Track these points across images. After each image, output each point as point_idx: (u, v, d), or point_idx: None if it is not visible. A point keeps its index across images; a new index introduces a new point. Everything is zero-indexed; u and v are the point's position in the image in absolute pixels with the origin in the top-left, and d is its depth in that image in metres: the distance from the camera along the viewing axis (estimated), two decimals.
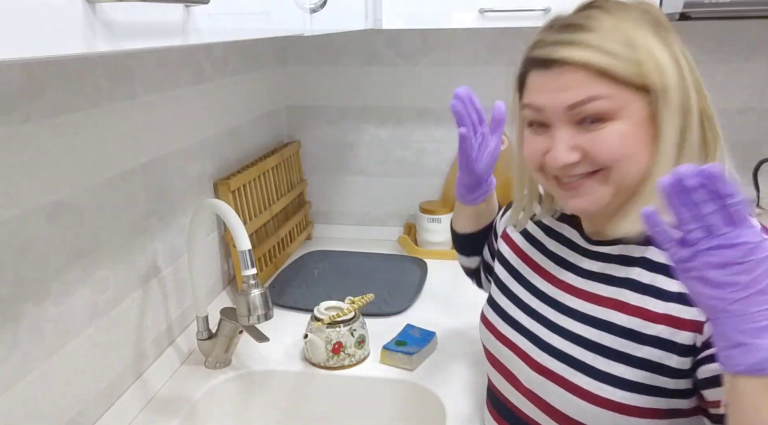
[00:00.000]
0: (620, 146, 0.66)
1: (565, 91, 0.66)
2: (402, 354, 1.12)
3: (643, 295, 0.69)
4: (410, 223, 1.81)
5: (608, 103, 0.65)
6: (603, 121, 0.66)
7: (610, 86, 0.65)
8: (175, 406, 1.03)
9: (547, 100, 0.68)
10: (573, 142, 0.68)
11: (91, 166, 0.90)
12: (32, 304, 0.80)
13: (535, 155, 0.72)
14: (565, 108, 0.67)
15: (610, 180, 0.68)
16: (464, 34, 1.65)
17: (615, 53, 0.65)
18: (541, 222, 0.87)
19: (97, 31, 0.43)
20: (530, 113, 0.71)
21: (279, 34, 0.81)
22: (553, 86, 0.67)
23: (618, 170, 0.67)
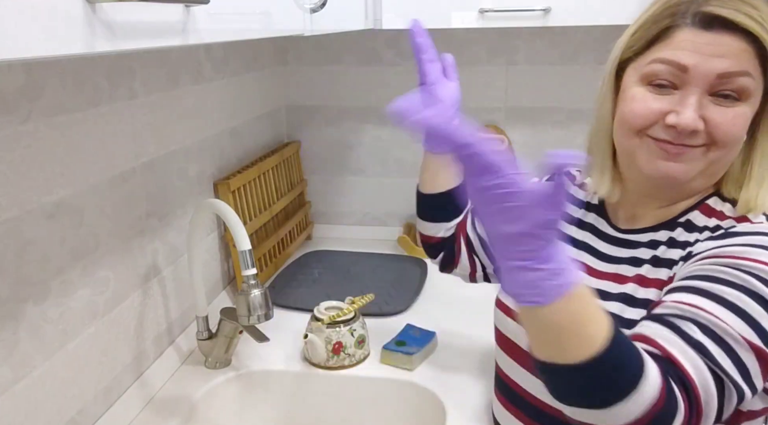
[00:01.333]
0: (741, 129, 0.67)
1: (723, 58, 0.64)
2: (402, 354, 1.12)
3: (660, 268, 0.71)
4: (410, 223, 1.81)
5: (752, 83, 0.65)
6: (735, 100, 0.66)
7: (758, 68, 0.65)
8: (175, 406, 1.03)
9: (699, 60, 0.65)
10: (702, 111, 0.66)
11: (91, 166, 0.90)
12: (32, 304, 0.80)
13: (648, 115, 0.68)
14: (716, 74, 0.64)
15: (709, 157, 0.68)
16: (464, 34, 1.65)
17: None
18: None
19: (97, 31, 0.43)
20: (663, 69, 0.67)
21: (279, 34, 0.81)
22: (709, 50, 0.64)
23: (725, 150, 0.67)
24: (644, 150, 0.70)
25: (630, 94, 0.70)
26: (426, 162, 0.97)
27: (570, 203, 0.84)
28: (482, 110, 1.70)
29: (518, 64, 1.63)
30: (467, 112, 1.81)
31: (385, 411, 1.13)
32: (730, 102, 0.65)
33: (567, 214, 0.52)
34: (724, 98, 0.65)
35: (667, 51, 0.67)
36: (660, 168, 0.69)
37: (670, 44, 0.67)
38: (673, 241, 0.73)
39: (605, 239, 0.80)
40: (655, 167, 0.69)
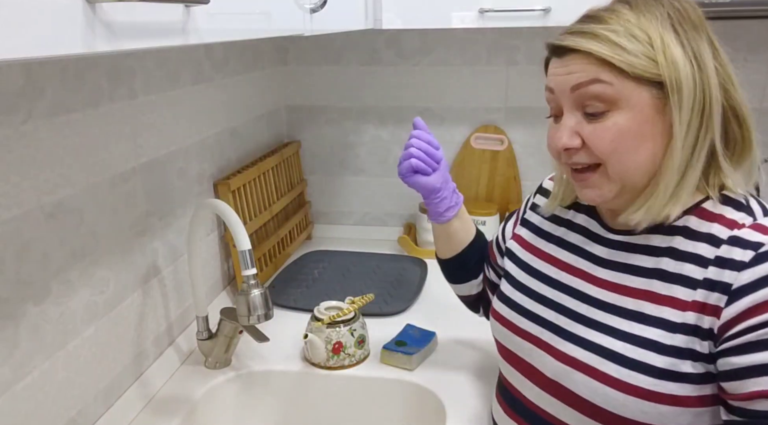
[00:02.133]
0: (614, 140, 0.69)
1: (572, 74, 0.71)
2: (402, 354, 1.12)
3: (672, 284, 0.70)
4: (410, 223, 1.81)
5: (609, 88, 0.68)
6: (605, 112, 0.69)
7: (613, 75, 0.68)
8: (175, 406, 1.03)
9: (557, 82, 0.73)
10: (577, 128, 0.72)
11: (91, 166, 0.90)
12: (32, 304, 0.80)
13: (551, 143, 0.76)
14: (569, 88, 0.71)
15: (611, 175, 0.71)
16: (464, 34, 1.65)
17: (621, 45, 0.68)
18: (552, 214, 0.89)
19: (97, 31, 0.43)
20: (548, 97, 0.76)
21: (279, 34, 0.81)
22: (562, 71, 0.72)
23: (613, 164, 0.71)
24: (571, 180, 0.77)
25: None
26: (436, 233, 1.04)
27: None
28: (482, 109, 1.70)
29: (518, 64, 1.63)
30: (467, 112, 1.82)
31: (385, 411, 1.13)
32: (599, 117, 0.70)
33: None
34: (593, 115, 0.70)
35: (546, 80, 0.77)
36: (583, 196, 0.76)
37: (547, 76, 0.77)
38: (678, 252, 0.71)
39: (599, 241, 0.80)
40: (581, 194, 0.77)
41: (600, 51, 0.68)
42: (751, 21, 1.52)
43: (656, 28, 0.69)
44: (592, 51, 0.69)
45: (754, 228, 0.67)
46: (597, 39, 0.69)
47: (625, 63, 0.67)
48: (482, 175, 1.74)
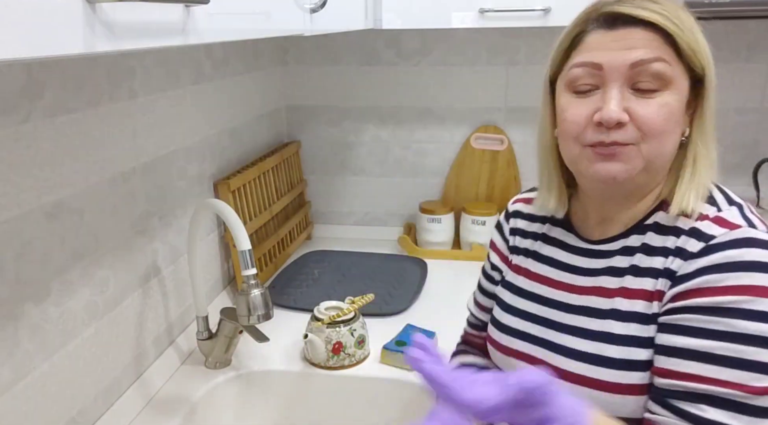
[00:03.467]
0: (667, 118, 0.68)
1: (632, 50, 0.67)
2: (402, 354, 1.12)
3: (643, 278, 0.72)
4: (410, 223, 1.81)
5: (669, 69, 0.68)
6: (656, 91, 0.68)
7: (672, 55, 0.68)
8: (175, 406, 1.03)
9: (609, 57, 0.68)
10: (625, 103, 0.68)
11: (91, 166, 0.90)
12: (32, 304, 0.80)
13: (578, 120, 0.71)
14: (629, 65, 0.67)
15: (646, 154, 0.69)
16: (464, 34, 1.65)
17: (680, 27, 0.68)
18: (526, 232, 0.88)
19: (97, 31, 0.43)
20: (581, 73, 0.70)
21: (279, 34, 0.81)
22: (618, 45, 0.68)
23: (654, 143, 0.69)
24: (584, 158, 0.72)
25: (561, 105, 0.73)
26: None
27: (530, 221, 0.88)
28: (482, 109, 1.70)
29: (518, 64, 1.63)
30: (467, 112, 1.82)
31: (385, 411, 1.13)
32: (651, 93, 0.68)
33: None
34: (644, 91, 0.68)
35: (582, 55, 0.71)
36: (600, 171, 0.71)
37: (583, 49, 0.71)
38: (649, 247, 0.73)
39: (577, 252, 0.80)
40: (596, 170, 0.71)
41: (670, 26, 0.67)
42: (751, 21, 1.52)
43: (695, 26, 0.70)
44: (663, 24, 0.67)
45: (714, 221, 0.68)
46: (659, 14, 0.67)
47: (688, 45, 0.68)
48: (482, 175, 1.74)
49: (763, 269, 0.63)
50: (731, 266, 0.64)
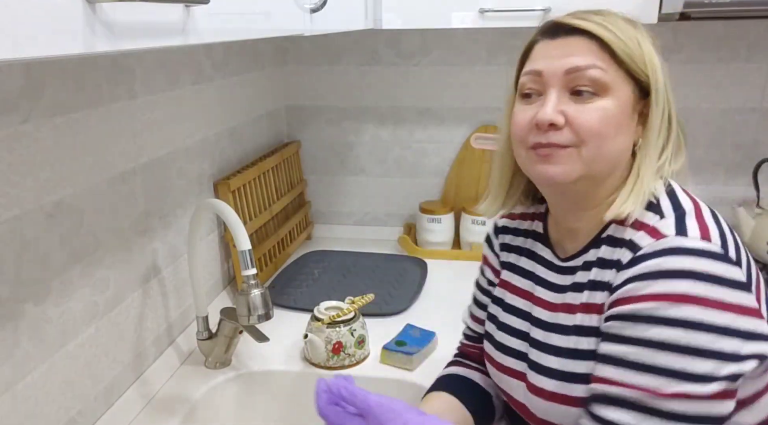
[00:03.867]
0: (602, 122, 0.70)
1: (569, 57, 0.71)
2: (402, 354, 1.12)
3: (597, 292, 0.73)
4: (410, 223, 1.81)
5: (604, 75, 0.70)
6: (594, 95, 0.70)
7: (609, 62, 0.70)
8: (175, 406, 1.03)
9: (548, 64, 0.72)
10: (562, 107, 0.71)
11: (91, 166, 0.90)
12: (32, 304, 0.80)
13: (522, 124, 0.74)
14: (564, 71, 0.71)
15: (584, 157, 0.71)
16: (464, 34, 1.65)
17: (619, 36, 0.71)
18: (511, 246, 0.89)
19: (97, 31, 0.43)
20: (527, 80, 0.74)
21: (279, 34, 0.81)
22: (557, 53, 0.72)
23: (591, 147, 0.70)
24: (528, 160, 0.75)
25: (513, 112, 0.77)
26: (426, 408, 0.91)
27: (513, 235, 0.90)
28: (482, 109, 1.70)
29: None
30: (467, 112, 1.82)
31: None
32: (588, 97, 0.70)
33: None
34: (582, 97, 0.70)
35: (528, 64, 0.75)
36: (539, 171, 0.73)
37: (531, 58, 0.75)
38: (603, 261, 0.73)
39: (552, 268, 0.81)
40: (537, 172, 0.74)
41: (605, 35, 0.70)
42: (750, 21, 1.52)
43: (642, 37, 0.73)
44: (598, 33, 0.70)
45: (648, 231, 0.69)
46: (598, 25, 0.71)
47: (625, 53, 0.70)
48: (482, 175, 1.74)
49: (681, 276, 0.63)
50: (651, 274, 0.65)
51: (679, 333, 0.63)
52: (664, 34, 1.55)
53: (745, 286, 0.65)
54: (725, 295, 0.63)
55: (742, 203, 1.61)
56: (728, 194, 1.65)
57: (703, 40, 1.54)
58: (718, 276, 0.63)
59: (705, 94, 1.58)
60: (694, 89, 1.58)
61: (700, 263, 0.64)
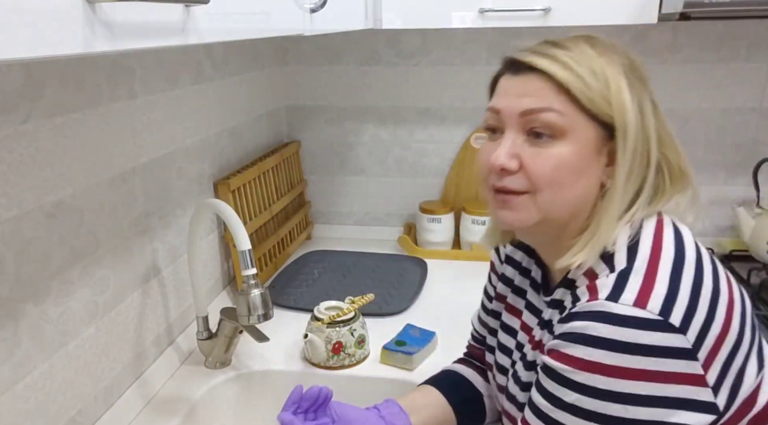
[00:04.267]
0: (557, 170, 0.67)
1: (524, 97, 0.68)
2: (402, 354, 1.12)
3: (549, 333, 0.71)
4: (410, 223, 1.81)
5: (560, 118, 0.66)
6: (552, 139, 0.67)
7: (566, 104, 0.66)
8: (175, 406, 1.03)
9: (506, 103, 0.69)
10: (516, 150, 0.68)
11: (91, 166, 0.90)
12: (32, 304, 0.80)
13: (482, 163, 0.72)
14: (519, 113, 0.68)
15: (539, 204, 0.69)
16: (464, 34, 1.65)
17: (580, 75, 0.66)
18: (514, 259, 0.87)
19: (97, 31, 0.43)
20: (488, 117, 0.72)
21: (279, 34, 0.81)
22: (516, 91, 0.69)
23: (545, 194, 0.68)
24: (490, 202, 0.73)
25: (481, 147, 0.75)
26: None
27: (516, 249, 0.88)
28: (482, 109, 1.69)
29: None
30: (467, 112, 1.82)
31: None
32: (544, 142, 0.67)
33: None
34: (538, 138, 0.67)
35: (492, 99, 0.73)
36: (498, 217, 0.72)
37: (495, 93, 0.73)
38: (556, 302, 0.72)
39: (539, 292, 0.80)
40: (495, 216, 0.72)
41: (562, 76, 0.66)
42: (750, 21, 1.52)
43: (612, 70, 0.67)
44: (555, 74, 0.66)
45: (589, 287, 0.66)
46: (558, 63, 0.67)
47: (584, 95, 0.66)
48: None
49: (598, 345, 0.61)
50: (572, 336, 0.64)
51: (589, 399, 0.62)
52: (664, 34, 1.55)
53: (683, 353, 0.61)
54: (648, 364, 0.60)
55: (742, 203, 1.61)
56: (728, 194, 1.65)
57: (703, 40, 1.54)
58: (640, 345, 0.60)
59: (705, 94, 1.58)
60: (694, 89, 1.58)
61: (622, 332, 0.60)
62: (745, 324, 0.67)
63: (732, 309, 0.65)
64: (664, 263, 0.65)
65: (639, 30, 1.55)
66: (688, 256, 0.66)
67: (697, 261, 0.67)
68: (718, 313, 0.64)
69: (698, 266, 0.66)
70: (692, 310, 0.62)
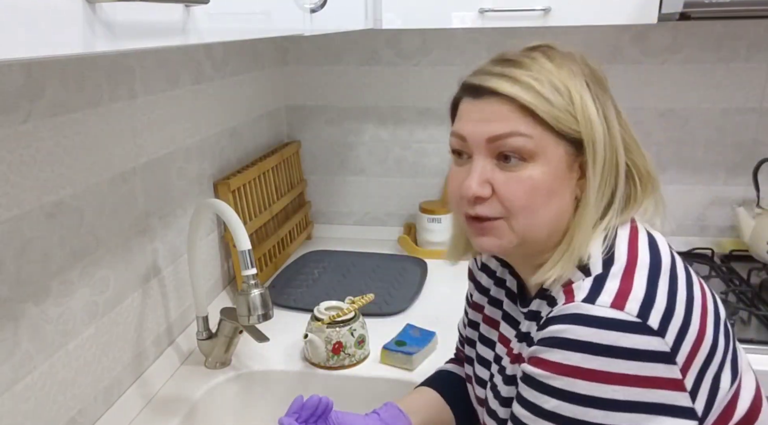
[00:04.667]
0: (529, 194, 0.66)
1: (489, 123, 0.66)
2: (402, 354, 1.12)
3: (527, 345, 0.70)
4: (410, 223, 1.81)
5: (528, 142, 0.65)
6: (522, 161, 0.66)
7: (533, 126, 0.65)
8: (175, 406, 1.03)
9: (471, 129, 0.68)
10: (487, 176, 0.67)
11: (91, 166, 0.90)
12: (32, 304, 0.80)
13: (453, 190, 0.71)
14: (485, 139, 0.66)
15: (516, 228, 0.68)
16: (464, 34, 1.65)
17: (544, 95, 0.65)
18: (488, 268, 0.87)
19: (97, 31, 0.43)
20: (453, 142, 0.71)
21: (279, 34, 0.81)
22: (479, 116, 0.67)
23: (520, 219, 0.67)
24: (467, 230, 0.72)
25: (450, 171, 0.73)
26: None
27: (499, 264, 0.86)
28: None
29: None
30: None
31: None
32: (514, 165, 0.66)
33: None
34: (507, 161, 0.66)
35: (455, 123, 0.71)
36: (476, 244, 0.71)
37: (457, 116, 0.71)
38: (533, 313, 0.71)
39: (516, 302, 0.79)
40: (474, 243, 0.71)
41: (526, 99, 0.64)
42: (750, 21, 1.52)
43: (574, 83, 0.66)
44: (518, 98, 0.65)
45: (566, 291, 0.66)
46: (520, 85, 0.65)
47: (550, 115, 0.65)
48: None
49: (575, 348, 0.60)
50: (550, 341, 0.63)
51: (569, 405, 0.61)
52: (664, 34, 1.55)
53: (662, 357, 0.60)
54: (629, 368, 0.59)
55: (742, 203, 1.61)
56: (728, 194, 1.65)
57: (703, 40, 1.54)
58: (620, 348, 0.59)
59: (705, 94, 1.58)
60: (694, 89, 1.58)
61: (600, 334, 0.59)
62: (719, 331, 0.66)
63: (706, 316, 0.65)
64: (640, 269, 0.64)
65: (639, 30, 1.55)
66: (664, 262, 0.66)
67: (672, 268, 0.66)
68: (693, 319, 0.63)
69: (672, 272, 0.66)
70: (669, 314, 0.61)
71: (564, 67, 0.67)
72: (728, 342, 0.68)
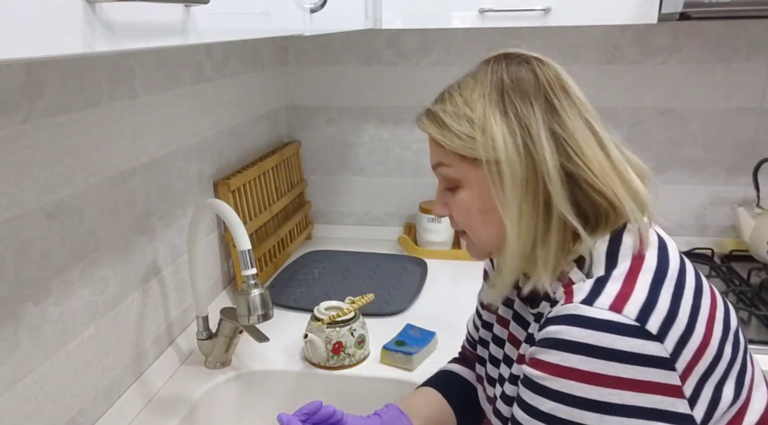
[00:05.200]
0: (465, 215, 0.74)
1: (431, 154, 0.75)
2: (402, 354, 1.12)
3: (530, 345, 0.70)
4: (410, 223, 1.81)
5: (451, 171, 0.72)
6: (456, 187, 0.73)
7: (451, 156, 0.71)
8: (175, 406, 1.03)
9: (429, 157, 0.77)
10: (445, 199, 0.76)
11: (91, 166, 0.90)
12: (32, 304, 0.80)
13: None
14: (432, 167, 0.76)
15: (473, 241, 0.76)
16: (464, 34, 1.65)
17: (448, 126, 0.70)
18: None
19: (97, 31, 0.43)
20: None
21: (279, 34, 0.81)
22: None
23: (471, 234, 0.75)
24: None
25: None
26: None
27: None
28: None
29: None
30: None
31: None
32: (453, 190, 0.74)
33: None
34: (448, 187, 0.74)
35: None
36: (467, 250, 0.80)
37: None
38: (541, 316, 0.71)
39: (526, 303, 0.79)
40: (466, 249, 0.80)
41: (435, 134, 0.72)
42: (750, 21, 1.52)
43: (482, 101, 0.68)
44: (430, 133, 0.72)
45: (566, 291, 0.66)
46: (434, 121, 0.72)
47: (450, 145, 0.70)
48: None
49: (573, 350, 0.60)
50: (548, 341, 0.63)
51: (565, 407, 0.61)
52: (664, 34, 1.55)
53: (661, 362, 0.59)
54: (624, 371, 0.59)
55: (742, 203, 1.61)
56: (728, 194, 1.65)
57: (703, 40, 1.54)
58: (615, 351, 0.59)
59: (705, 94, 1.58)
60: (694, 89, 1.58)
61: (598, 336, 0.59)
62: (726, 341, 0.66)
63: (712, 324, 0.65)
64: (645, 273, 0.64)
65: (639, 30, 1.55)
66: (671, 268, 0.66)
67: (680, 275, 0.66)
68: (697, 326, 0.63)
69: (680, 279, 0.65)
70: (671, 320, 0.61)
71: (478, 85, 0.71)
72: (736, 353, 0.67)
